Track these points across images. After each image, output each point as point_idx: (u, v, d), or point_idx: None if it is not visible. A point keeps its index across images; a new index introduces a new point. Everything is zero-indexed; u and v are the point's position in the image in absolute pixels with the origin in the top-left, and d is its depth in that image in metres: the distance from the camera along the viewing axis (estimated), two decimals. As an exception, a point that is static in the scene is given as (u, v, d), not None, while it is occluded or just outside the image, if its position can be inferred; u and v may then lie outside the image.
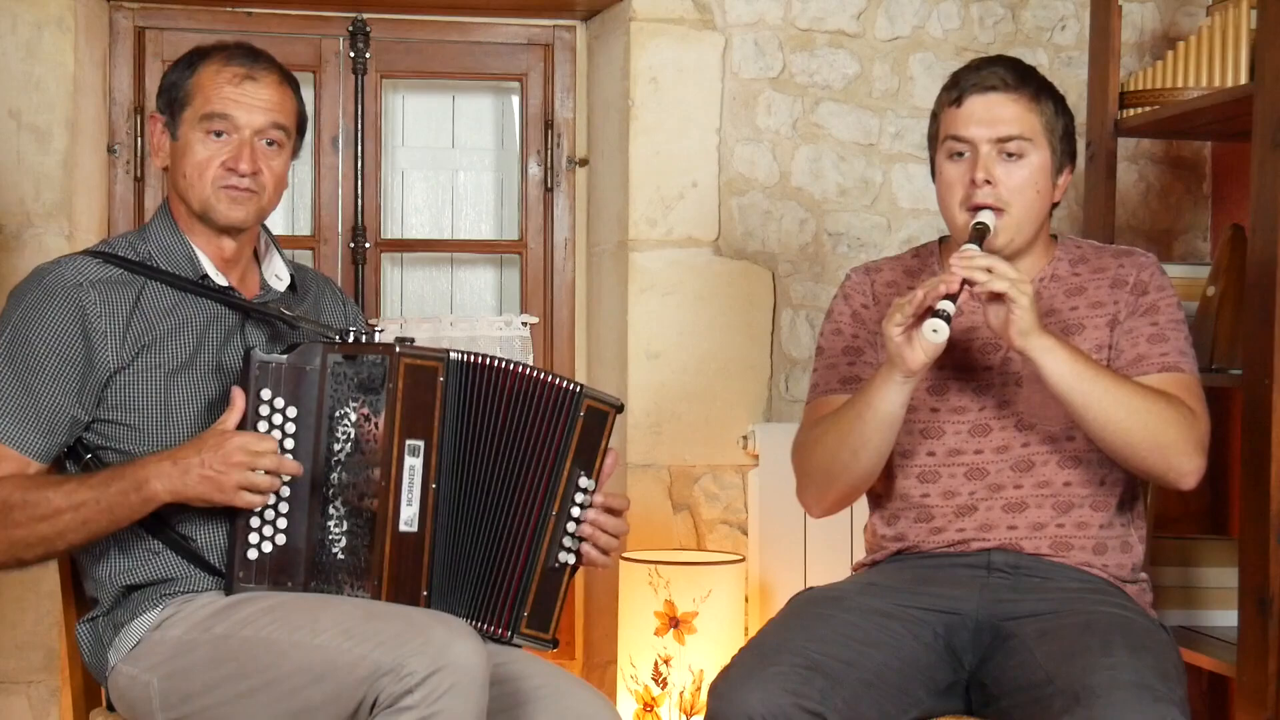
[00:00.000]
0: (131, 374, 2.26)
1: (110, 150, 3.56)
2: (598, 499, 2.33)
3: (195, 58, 2.35)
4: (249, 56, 2.34)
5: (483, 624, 2.29)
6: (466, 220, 3.92)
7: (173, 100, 2.34)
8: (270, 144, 2.33)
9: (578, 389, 2.30)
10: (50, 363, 2.22)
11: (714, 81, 3.54)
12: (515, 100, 3.84)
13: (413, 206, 3.89)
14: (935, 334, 2.28)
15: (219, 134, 2.30)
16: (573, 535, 2.32)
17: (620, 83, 3.55)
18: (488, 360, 2.29)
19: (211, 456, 2.14)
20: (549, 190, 3.77)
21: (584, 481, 2.31)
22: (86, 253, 2.33)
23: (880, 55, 3.62)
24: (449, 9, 3.68)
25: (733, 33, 3.55)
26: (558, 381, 2.30)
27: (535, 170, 3.78)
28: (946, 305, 2.29)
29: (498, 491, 2.30)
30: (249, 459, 2.15)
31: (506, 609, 2.29)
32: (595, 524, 2.33)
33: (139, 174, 3.58)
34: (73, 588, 2.38)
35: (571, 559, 2.33)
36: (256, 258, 2.45)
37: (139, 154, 3.58)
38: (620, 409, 2.35)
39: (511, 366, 2.29)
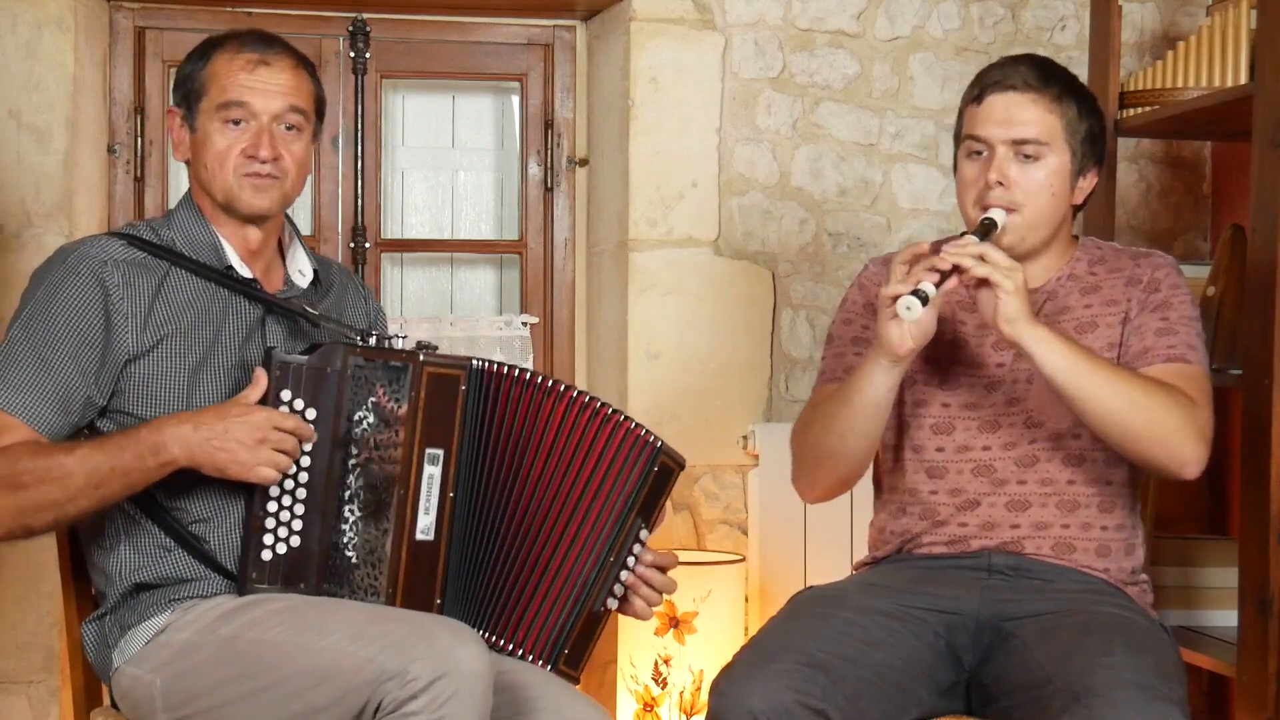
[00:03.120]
0: (152, 364, 2.24)
1: (110, 150, 3.56)
2: (649, 556, 2.32)
3: (208, 48, 2.33)
4: (262, 42, 2.32)
5: (518, 649, 2.28)
6: (466, 220, 3.92)
7: (189, 92, 2.32)
8: (289, 128, 2.31)
9: (659, 444, 2.29)
10: (69, 341, 2.20)
11: (714, 81, 3.54)
12: (515, 100, 3.84)
13: (413, 206, 3.89)
14: (908, 311, 2.27)
15: (237, 122, 2.29)
16: (621, 583, 2.31)
17: (620, 83, 3.55)
18: (524, 375, 2.27)
19: (237, 427, 2.12)
20: (549, 190, 3.77)
21: (643, 534, 2.30)
22: (111, 234, 2.31)
23: (880, 55, 3.62)
24: (449, 9, 3.68)
25: (733, 33, 3.55)
26: (639, 430, 2.28)
27: (535, 170, 3.78)
28: (927, 287, 2.28)
29: (544, 516, 2.28)
30: (277, 438, 2.14)
31: (550, 641, 2.28)
32: (644, 578, 2.32)
33: (139, 174, 3.58)
34: (74, 587, 2.37)
35: (615, 605, 2.32)
36: (281, 251, 2.43)
37: (139, 154, 3.58)
38: (683, 467, 2.35)
39: (589, 400, 2.27)
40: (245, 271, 2.32)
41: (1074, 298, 2.52)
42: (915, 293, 2.28)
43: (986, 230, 2.40)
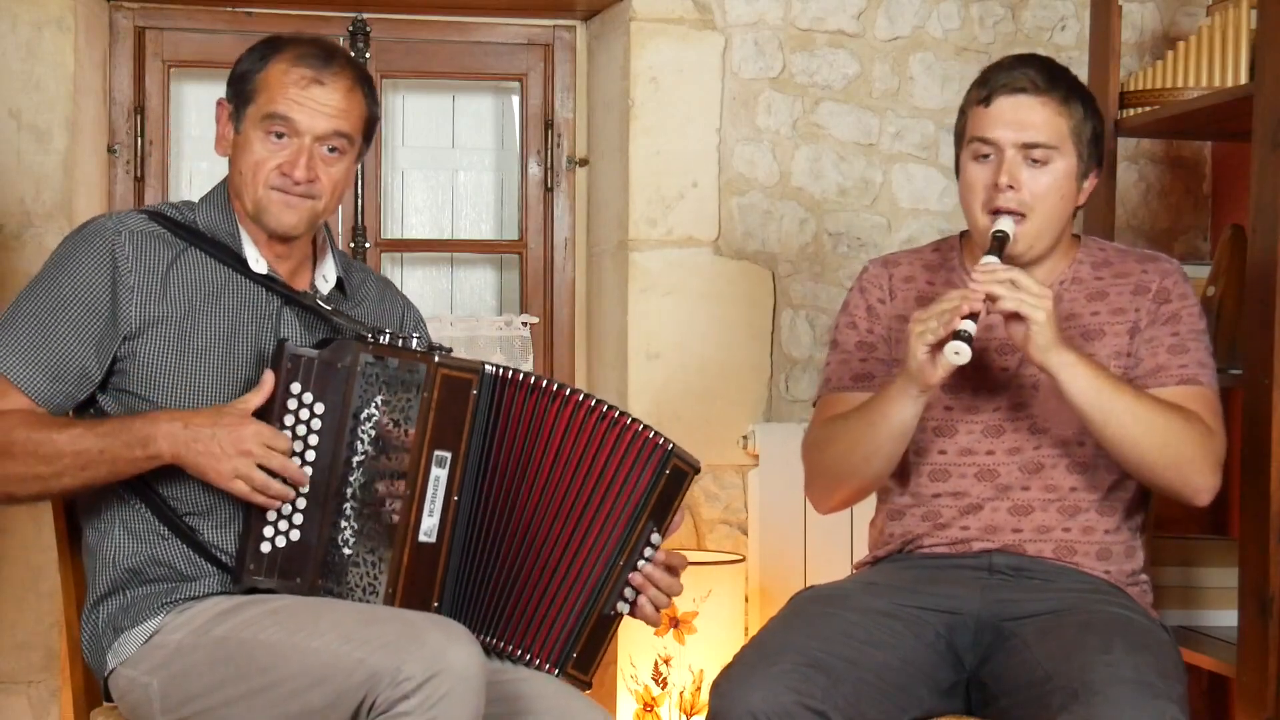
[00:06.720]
0: (156, 343, 2.22)
1: (110, 150, 3.57)
2: (659, 556, 2.30)
3: (269, 49, 2.29)
4: (321, 59, 2.26)
5: (525, 654, 2.27)
6: (466, 220, 3.92)
7: (239, 93, 2.28)
8: (332, 150, 2.27)
9: (670, 446, 2.26)
10: (72, 308, 2.19)
11: (714, 81, 3.54)
12: (515, 100, 3.84)
13: (413, 206, 3.89)
14: (957, 356, 2.27)
15: (280, 135, 2.25)
16: (632, 587, 2.29)
17: (620, 83, 3.55)
18: (534, 380, 2.25)
19: (225, 434, 2.12)
20: (549, 190, 3.77)
21: (655, 538, 2.28)
22: (138, 210, 2.30)
23: (880, 55, 3.62)
24: (449, 9, 3.68)
25: (733, 33, 3.55)
26: (648, 433, 2.26)
27: (535, 170, 3.78)
28: (968, 325, 2.27)
29: (551, 522, 2.26)
30: (261, 454, 2.13)
31: (558, 646, 2.27)
32: (650, 578, 2.29)
33: (139, 174, 3.58)
34: (74, 587, 2.36)
35: (625, 609, 2.30)
36: (315, 254, 2.40)
37: (139, 154, 3.58)
38: (699, 471, 2.32)
39: (595, 404, 2.24)
40: (260, 268, 2.30)
41: (1079, 304, 2.51)
42: (960, 334, 2.27)
43: (1000, 244, 2.39)
